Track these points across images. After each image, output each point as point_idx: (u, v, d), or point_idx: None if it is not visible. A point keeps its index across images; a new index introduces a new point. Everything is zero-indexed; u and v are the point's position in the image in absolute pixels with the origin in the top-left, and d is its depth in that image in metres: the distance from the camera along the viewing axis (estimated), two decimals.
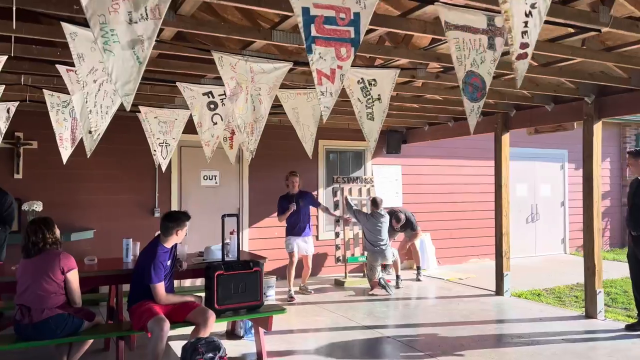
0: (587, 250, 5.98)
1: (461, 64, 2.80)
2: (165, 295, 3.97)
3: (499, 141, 7.19)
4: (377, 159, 9.33)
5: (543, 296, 7.15)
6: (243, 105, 3.57)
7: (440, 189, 9.88)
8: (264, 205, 8.25)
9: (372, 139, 3.91)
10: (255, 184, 8.24)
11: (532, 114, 6.80)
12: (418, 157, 9.67)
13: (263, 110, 3.72)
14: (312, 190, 8.63)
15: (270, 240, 8.27)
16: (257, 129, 3.76)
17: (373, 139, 3.94)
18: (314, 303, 6.76)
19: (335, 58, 2.40)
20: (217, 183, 8.00)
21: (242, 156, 8.17)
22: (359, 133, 9.59)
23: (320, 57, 2.38)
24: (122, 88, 2.14)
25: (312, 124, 5.01)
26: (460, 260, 10.09)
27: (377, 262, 7.48)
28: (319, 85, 2.42)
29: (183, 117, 5.64)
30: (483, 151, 10.36)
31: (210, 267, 4.28)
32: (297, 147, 9.07)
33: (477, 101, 2.88)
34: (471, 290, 7.52)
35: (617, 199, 12.16)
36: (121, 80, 2.12)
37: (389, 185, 9.26)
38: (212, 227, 7.78)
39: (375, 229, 7.44)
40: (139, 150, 7.29)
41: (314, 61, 2.38)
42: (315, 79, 2.40)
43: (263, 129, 3.97)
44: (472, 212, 10.23)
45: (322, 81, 2.40)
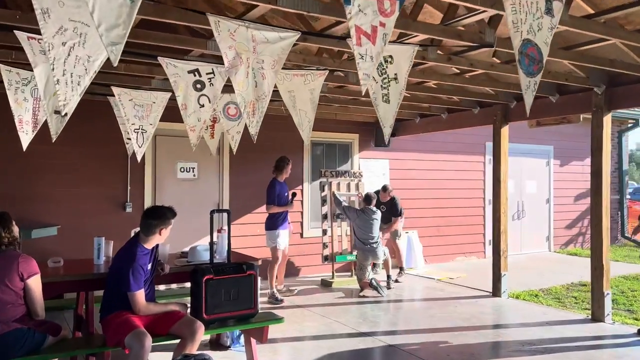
0: (595, 249, 5.66)
1: (517, 30, 2.33)
2: (146, 305, 3.39)
3: (498, 134, 6.81)
4: (364, 152, 8.86)
5: (541, 297, 6.83)
6: (243, 80, 3.02)
7: (427, 185, 9.50)
8: (245, 200, 7.67)
9: (387, 124, 3.42)
10: (236, 177, 7.65)
11: (535, 105, 6.33)
12: (405, 151, 9.26)
13: (266, 87, 3.18)
14: (297, 184, 8.10)
15: (252, 239, 7.69)
16: (260, 109, 3.22)
17: (389, 124, 3.44)
18: (302, 306, 6.24)
19: (377, 12, 1.90)
20: (195, 176, 7.38)
21: (223, 147, 7.57)
22: (347, 124, 9.20)
23: (359, 11, 1.87)
24: (107, 34, 1.60)
25: (309, 110, 4.49)
26: (447, 259, 9.74)
27: (367, 261, 7.01)
28: (357, 47, 1.92)
29: (162, 100, 5.03)
30: (471, 146, 10.04)
31: (198, 270, 3.71)
32: (282, 138, 8.57)
33: (533, 75, 2.44)
34: (466, 291, 7.14)
35: None
36: (106, 23, 1.57)
37: (376, 180, 8.80)
38: (190, 225, 7.17)
39: (366, 226, 6.96)
40: (109, 138, 6.61)
41: (352, 15, 1.88)
42: (353, 38, 1.89)
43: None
44: (460, 208, 9.90)
45: (362, 41, 1.90)
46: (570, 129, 11.41)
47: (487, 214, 10.23)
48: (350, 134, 8.68)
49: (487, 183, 10.24)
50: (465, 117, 7.42)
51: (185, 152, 7.30)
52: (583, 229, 11.82)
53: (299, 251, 8.08)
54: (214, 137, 6.46)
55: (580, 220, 11.76)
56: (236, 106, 5.43)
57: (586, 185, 12.12)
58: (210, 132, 6.43)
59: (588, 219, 11.88)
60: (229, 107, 5.42)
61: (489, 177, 10.28)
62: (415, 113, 8.20)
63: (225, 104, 5.40)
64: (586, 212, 11.83)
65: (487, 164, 10.25)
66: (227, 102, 5.40)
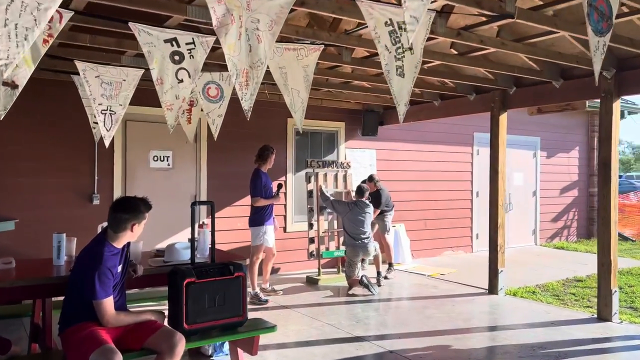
0: (603, 244, 5.31)
1: None
2: (115, 315, 2.84)
3: (496, 122, 6.41)
4: (351, 141, 8.38)
5: (539, 294, 6.49)
6: (235, 42, 2.49)
7: (415, 176, 9.10)
8: (225, 192, 7.11)
9: (402, 101, 2.95)
10: (215, 167, 7.07)
11: (536, 91, 6.06)
12: (393, 141, 8.82)
13: (262, 53, 2.65)
14: (280, 175, 7.58)
15: (233, 234, 7.15)
16: (254, 79, 2.69)
17: (403, 102, 2.97)
18: (289, 307, 5.75)
19: None
20: (169, 165, 6.78)
21: (201, 134, 6.98)
22: (333, 112, 8.64)
23: None
24: None
25: (302, 89, 3.97)
26: (434, 253, 9.37)
27: (357, 257, 6.55)
28: None
29: (133, 78, 4.44)
30: (459, 136, 9.67)
31: (177, 272, 3.16)
32: (264, 125, 8.00)
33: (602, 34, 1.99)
34: (460, 288, 6.76)
35: (584, 189, 11.88)
36: None
37: (363, 172, 8.34)
38: (164, 219, 6.59)
39: (357, 220, 6.50)
40: (75, 123, 5.98)
41: None
42: None
43: (256, 89, 2.85)
44: (447, 201, 9.54)
45: None
46: (558, 120, 11.19)
47: (475, 206, 9.92)
48: (337, 122, 8.19)
49: (475, 175, 9.92)
50: (460, 104, 7.01)
51: (159, 139, 6.70)
52: (568, 222, 11.63)
53: (282, 247, 7.56)
54: (191, 122, 5.90)
55: (565, 214, 11.56)
56: (217, 86, 4.88)
57: (572, 177, 11.97)
58: (187, 117, 5.86)
59: (573, 212, 11.73)
60: (209, 87, 4.85)
61: (477, 168, 9.98)
62: None
63: (205, 84, 4.83)
64: (571, 204, 11.66)
65: (475, 155, 9.92)
66: (208, 82, 4.83)
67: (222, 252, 4.04)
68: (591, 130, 11.92)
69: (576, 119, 11.62)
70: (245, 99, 2.70)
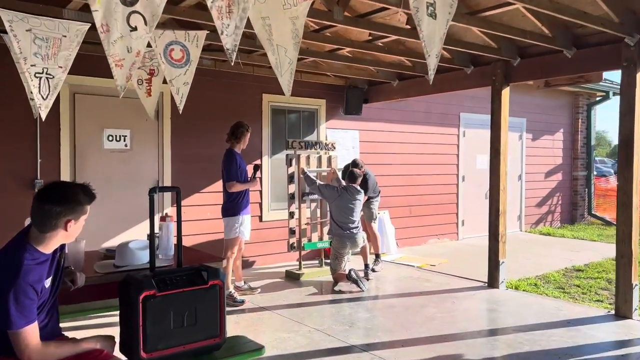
0: (623, 234, 4.73)
1: None
2: (41, 348, 2.01)
3: (497, 97, 5.75)
4: (332, 121, 7.60)
5: (542, 287, 5.92)
6: None
7: (399, 159, 8.42)
8: (192, 177, 6.26)
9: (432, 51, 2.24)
10: (180, 149, 6.19)
11: (544, 62, 5.41)
12: (376, 121, 8.09)
13: None
14: (256, 158, 6.76)
15: (202, 224, 6.32)
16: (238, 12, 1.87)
17: (434, 52, 2.27)
18: (268, 308, 4.99)
19: None
20: (127, 146, 5.87)
21: (163, 110, 6.08)
22: (313, 87, 7.64)
23: None
24: None
25: (290, 47, 3.17)
26: (419, 242, 8.76)
27: (345, 249, 5.84)
28: None
29: (76, 34, 3.54)
30: (444, 117, 9.03)
31: (130, 282, 2.35)
32: (236, 101, 7.03)
33: None
34: (456, 282, 6.13)
35: (568, 173, 11.48)
36: None
37: (345, 154, 7.60)
38: (122, 210, 5.70)
39: (347, 208, 5.77)
40: (12, 96, 5.01)
41: None
42: None
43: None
44: (432, 186, 8.91)
45: None
46: (543, 101, 10.70)
47: (461, 191, 9.34)
48: (317, 99, 7.39)
49: (462, 158, 9.33)
50: (456, 79, 6.31)
51: (115, 116, 5.78)
52: (553, 207, 11.23)
53: (257, 237, 6.77)
54: (152, 94, 5.03)
55: (550, 198, 11.15)
56: (182, 48, 4.02)
57: (556, 160, 11.55)
58: (146, 89, 4.98)
59: (558, 196, 11.32)
60: (172, 49, 3.99)
61: (463, 151, 9.38)
62: (393, 73, 7.01)
63: (168, 45, 3.97)
64: (556, 189, 11.25)
65: (462, 136, 9.32)
66: (170, 42, 3.96)
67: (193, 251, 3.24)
68: (575, 112, 11.50)
69: (561, 99, 11.16)
70: (228, 33, 1.91)
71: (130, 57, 2.70)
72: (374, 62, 6.21)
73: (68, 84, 5.45)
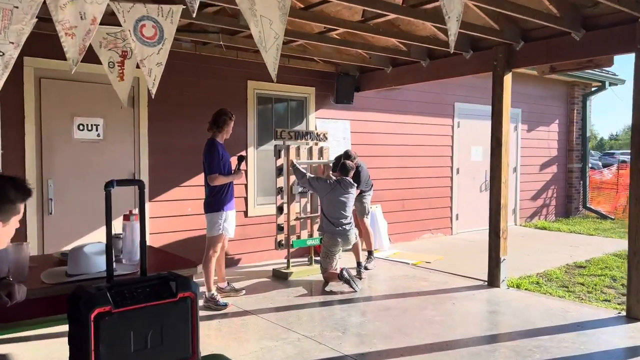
0: (636, 230, 4.39)
1: None
2: None
3: (499, 84, 5.37)
4: (322, 110, 7.18)
5: (544, 285, 5.59)
6: None
7: (391, 151, 8.03)
8: (171, 169, 5.82)
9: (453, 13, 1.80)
10: (158, 139, 5.74)
11: (550, 45, 5.04)
12: (368, 111, 7.69)
13: None
14: (240, 149, 6.33)
15: (181, 220, 5.89)
16: None
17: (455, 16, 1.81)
18: (253, 312, 4.59)
19: None
20: (100, 136, 5.40)
21: (139, 96, 5.62)
22: (302, 74, 6.86)
23: None
24: None
25: (276, 19, 2.76)
26: (412, 237, 8.40)
27: (336, 246, 5.45)
28: None
29: (30, 5, 3.07)
30: (438, 107, 8.66)
31: (80, 297, 1.93)
32: (219, 88, 6.31)
33: None
34: (454, 280, 5.78)
35: (563, 165, 11.19)
36: None
37: (336, 145, 7.20)
38: (94, 206, 5.26)
39: (339, 202, 5.38)
40: None
41: None
42: None
43: None
44: (426, 179, 8.55)
45: None
46: (538, 91, 10.36)
47: (455, 185, 8.99)
48: (305, 87, 6.96)
49: (456, 149, 8.97)
50: (453, 64, 5.92)
51: (87, 104, 5.32)
52: (547, 200, 10.94)
53: (242, 234, 6.37)
54: (124, 79, 4.58)
55: (544, 191, 10.85)
56: (155, 24, 3.57)
57: (551, 152, 11.24)
58: (118, 72, 4.53)
59: (552, 189, 11.03)
60: (144, 25, 3.53)
61: (458, 142, 9.02)
62: (387, 59, 6.61)
63: (138, 20, 3.51)
64: (550, 182, 10.96)
65: (456, 127, 8.95)
66: (141, 17, 3.51)
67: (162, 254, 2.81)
68: (571, 103, 11.20)
69: (556, 89, 10.84)
70: None
71: (83, 24, 2.27)
72: (367, 46, 5.79)
73: (33, 67, 4.98)
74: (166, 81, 5.82)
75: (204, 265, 4.70)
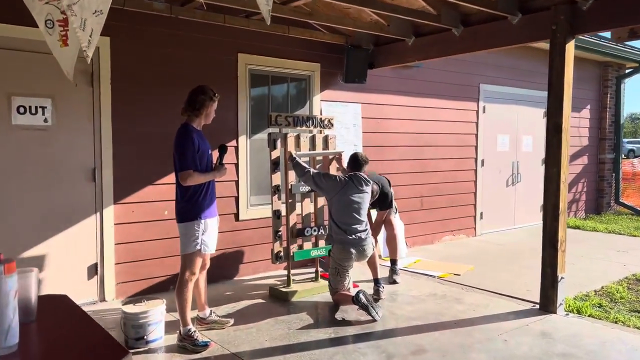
0: None
1: None
2: None
3: (559, 54, 4.18)
4: (328, 92, 5.99)
5: (611, 310, 4.46)
6: None
7: (409, 140, 6.86)
8: (142, 163, 4.65)
9: None
10: (126, 125, 4.56)
11: (627, 1, 3.85)
12: (382, 92, 6.51)
13: None
14: (230, 138, 5.15)
15: (156, 226, 4.73)
16: None
17: None
18: (242, 357, 3.44)
19: None
20: (47, 122, 4.22)
21: (99, 70, 4.42)
22: (305, 47, 5.05)
23: None
24: None
25: None
26: (431, 239, 7.27)
27: (349, 261, 4.30)
28: None
29: None
30: (462, 89, 7.48)
31: None
32: (202, 63, 4.81)
33: None
34: (496, 302, 4.63)
35: (594, 155, 10.03)
36: None
37: (345, 133, 6.04)
38: (38, 212, 4.09)
39: (351, 204, 4.24)
40: None
41: None
42: None
43: None
44: (447, 172, 7.39)
45: None
46: None
47: (479, 178, 7.83)
48: (309, 63, 5.76)
49: (481, 138, 7.79)
50: (495, 32, 4.73)
51: (29, 80, 4.13)
52: (577, 195, 9.78)
53: (232, 241, 5.22)
54: (69, 44, 3.40)
55: (574, 185, 9.68)
56: None
57: (582, 142, 10.05)
58: (60, 35, 3.34)
59: (582, 183, 9.86)
60: None
61: (483, 129, 7.83)
62: (409, 26, 5.40)
63: None
64: (581, 174, 9.80)
65: (481, 112, 7.77)
66: None
67: (79, 330, 1.63)
68: (604, 86, 10.01)
69: (587, 71, 9.63)
70: None
71: None
72: (388, 7, 4.58)
73: None
74: (134, 52, 4.64)
75: (178, 292, 3.54)
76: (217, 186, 4.75)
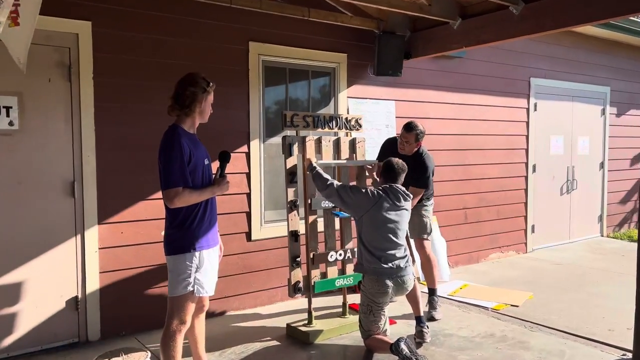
0: None
1: None
2: None
3: None
4: (356, 87, 5.10)
5: None
6: None
7: (450, 143, 5.92)
8: (131, 175, 3.84)
9: None
10: (111, 127, 3.76)
11: None
12: (419, 88, 5.58)
13: None
14: (239, 144, 4.31)
15: (150, 250, 3.90)
16: None
17: None
18: None
19: None
20: (12, 125, 3.44)
21: (79, 62, 3.63)
22: (328, 35, 3.22)
23: None
24: None
25: None
26: (476, 257, 6.29)
27: (384, 296, 3.39)
28: None
29: None
30: (510, 83, 6.49)
31: None
32: (206, 52, 3.67)
33: None
34: (575, 349, 3.65)
35: None
36: None
37: (376, 136, 5.14)
38: (3, 234, 3.31)
39: (385, 224, 3.34)
40: None
41: None
42: None
43: None
44: (494, 180, 6.40)
45: None
46: (630, 63, 8.08)
47: (531, 186, 6.81)
48: (334, 54, 4.88)
49: (532, 140, 6.77)
50: (569, 7, 3.76)
51: None
52: (637, 204, 8.63)
53: (244, 266, 4.38)
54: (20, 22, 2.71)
55: (635, 192, 8.54)
56: None
57: None
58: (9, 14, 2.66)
59: None
60: None
61: (534, 130, 6.78)
62: (455, 5, 4.47)
63: None
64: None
65: (532, 110, 6.75)
66: None
67: None
68: None
69: None
70: None
71: None
72: None
73: None
74: (122, 39, 3.85)
75: (163, 345, 2.69)
76: (224, 201, 3.94)
